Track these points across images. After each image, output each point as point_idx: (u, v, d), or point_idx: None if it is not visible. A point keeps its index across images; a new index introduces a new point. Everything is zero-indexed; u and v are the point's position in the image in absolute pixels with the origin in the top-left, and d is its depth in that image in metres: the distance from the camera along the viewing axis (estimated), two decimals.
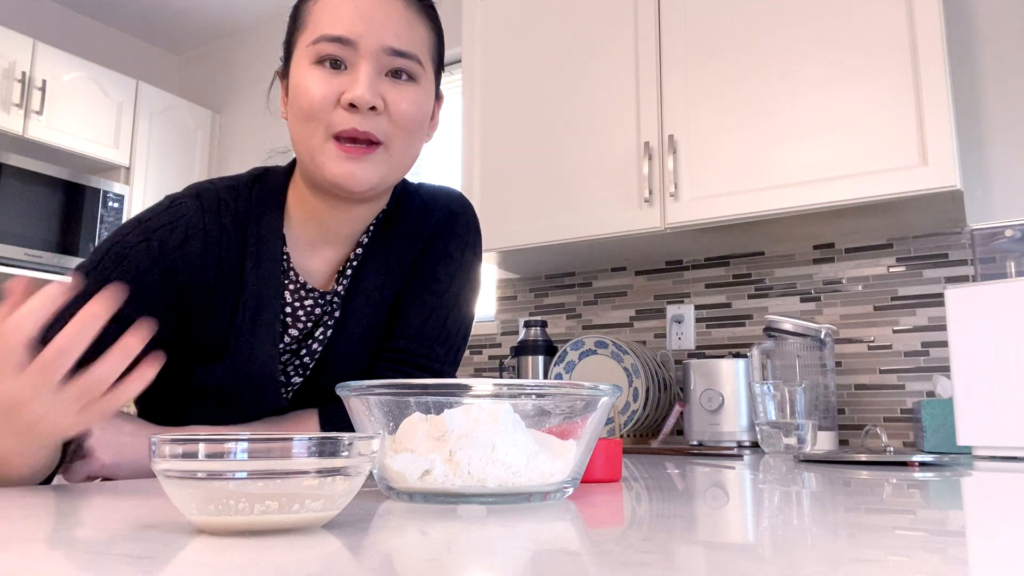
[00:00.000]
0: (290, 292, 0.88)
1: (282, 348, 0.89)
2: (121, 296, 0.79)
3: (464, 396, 0.56)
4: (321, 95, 0.78)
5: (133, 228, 0.83)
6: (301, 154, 0.83)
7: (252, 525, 0.41)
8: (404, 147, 0.83)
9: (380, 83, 0.79)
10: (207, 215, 0.84)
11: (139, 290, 0.81)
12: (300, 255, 0.90)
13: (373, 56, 0.79)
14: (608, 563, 0.34)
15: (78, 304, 0.78)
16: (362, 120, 0.78)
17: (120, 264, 0.80)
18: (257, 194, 0.88)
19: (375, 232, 0.93)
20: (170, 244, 0.82)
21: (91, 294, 0.78)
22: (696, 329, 2.22)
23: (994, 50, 1.91)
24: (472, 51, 2.32)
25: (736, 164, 1.83)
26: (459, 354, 0.97)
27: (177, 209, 0.84)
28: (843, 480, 0.83)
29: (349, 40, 0.78)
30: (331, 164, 0.79)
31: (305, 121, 0.79)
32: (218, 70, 3.76)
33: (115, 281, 0.80)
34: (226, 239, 0.85)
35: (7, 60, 2.82)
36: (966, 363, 1.35)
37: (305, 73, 0.79)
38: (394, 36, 0.79)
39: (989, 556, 0.37)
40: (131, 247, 0.81)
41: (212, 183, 0.89)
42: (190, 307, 0.85)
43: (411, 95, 0.81)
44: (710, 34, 1.91)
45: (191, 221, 0.83)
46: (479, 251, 1.00)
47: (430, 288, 0.94)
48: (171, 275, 0.82)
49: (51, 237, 2.84)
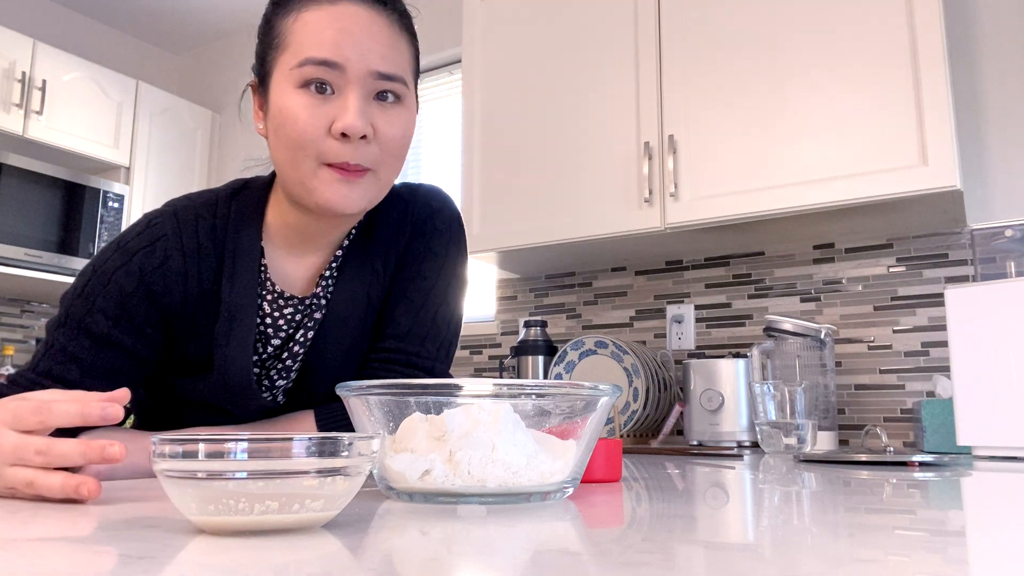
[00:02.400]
0: (268, 303, 0.89)
1: (264, 355, 0.90)
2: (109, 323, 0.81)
3: (464, 396, 0.56)
4: (312, 125, 0.77)
5: (113, 252, 0.84)
6: (288, 179, 0.82)
7: (252, 525, 0.41)
8: (389, 171, 0.84)
9: (369, 108, 0.79)
10: (184, 233, 0.85)
11: (125, 313, 0.82)
12: (280, 264, 0.90)
13: (360, 81, 0.78)
14: (608, 563, 0.34)
15: (67, 335, 0.80)
16: (353, 152, 0.78)
17: (105, 288, 0.82)
18: (236, 207, 0.89)
19: (356, 235, 0.93)
20: (149, 266, 0.83)
21: (79, 320, 0.81)
22: (696, 329, 2.22)
23: (994, 50, 1.91)
24: (472, 51, 2.32)
25: (736, 164, 1.83)
26: (451, 350, 0.97)
27: (154, 230, 0.85)
28: (843, 480, 0.83)
29: (336, 64, 0.77)
30: (323, 189, 0.79)
31: (293, 148, 0.78)
32: (218, 70, 3.76)
33: (101, 306, 0.81)
34: (204, 255, 0.86)
35: (7, 60, 2.82)
36: (966, 363, 1.35)
37: (290, 98, 0.78)
38: (380, 59, 0.79)
39: (989, 556, 0.37)
40: (112, 272, 0.82)
41: (190, 199, 0.89)
42: (174, 325, 0.86)
43: (398, 119, 0.82)
44: (710, 34, 1.91)
45: (169, 241, 0.84)
46: (463, 245, 1.00)
47: (416, 286, 0.94)
48: (153, 296, 0.83)
49: (51, 237, 2.84)
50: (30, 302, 3.22)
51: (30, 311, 3.22)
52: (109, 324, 0.81)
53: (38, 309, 3.25)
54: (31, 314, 3.22)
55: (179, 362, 0.88)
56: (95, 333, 0.81)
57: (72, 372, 0.80)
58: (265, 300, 0.89)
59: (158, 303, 0.84)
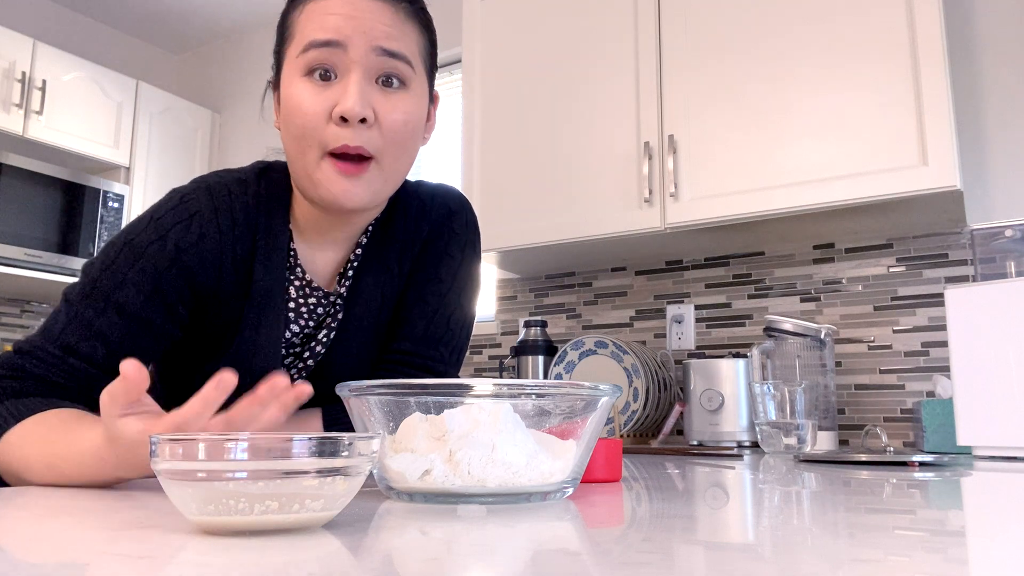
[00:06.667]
0: (295, 288, 0.88)
1: (283, 345, 0.89)
2: (141, 298, 0.79)
3: (464, 396, 0.56)
4: (313, 111, 0.77)
5: (146, 226, 0.81)
6: (296, 173, 0.82)
7: (252, 525, 0.41)
8: (395, 160, 0.82)
9: (371, 92, 0.78)
10: (219, 212, 0.83)
11: (158, 290, 0.80)
12: (305, 252, 0.90)
13: (363, 59, 0.77)
14: (608, 563, 0.34)
15: (94, 308, 0.78)
16: (353, 135, 0.77)
17: (135, 263, 0.79)
18: (265, 188, 0.88)
19: (373, 233, 0.93)
20: (186, 243, 0.81)
21: (108, 294, 0.78)
22: (696, 329, 2.22)
23: (994, 50, 1.91)
24: (472, 51, 2.32)
25: (736, 164, 1.83)
26: (462, 354, 0.97)
27: (189, 205, 0.83)
28: (843, 480, 0.83)
29: (338, 42, 0.77)
30: (326, 183, 0.78)
31: (298, 138, 0.78)
32: (218, 70, 3.76)
33: (134, 279, 0.78)
34: (239, 233, 0.84)
35: (7, 60, 2.82)
36: (966, 363, 1.35)
37: (296, 88, 0.78)
38: (384, 36, 0.78)
39: (989, 556, 0.37)
40: (145, 246, 0.80)
41: (220, 176, 0.87)
42: (203, 303, 0.85)
43: (402, 104, 0.80)
44: (710, 34, 1.91)
45: (204, 218, 0.82)
46: (479, 249, 1.00)
47: (432, 289, 0.93)
48: (188, 274, 0.81)
49: (51, 237, 2.84)
50: (30, 302, 3.22)
51: (30, 311, 3.22)
52: (141, 300, 0.78)
53: (38, 309, 3.25)
54: (31, 314, 3.22)
55: (196, 347, 0.86)
56: (125, 309, 0.78)
57: (98, 351, 0.77)
58: (293, 285, 0.88)
59: (193, 281, 0.82)
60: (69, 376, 0.77)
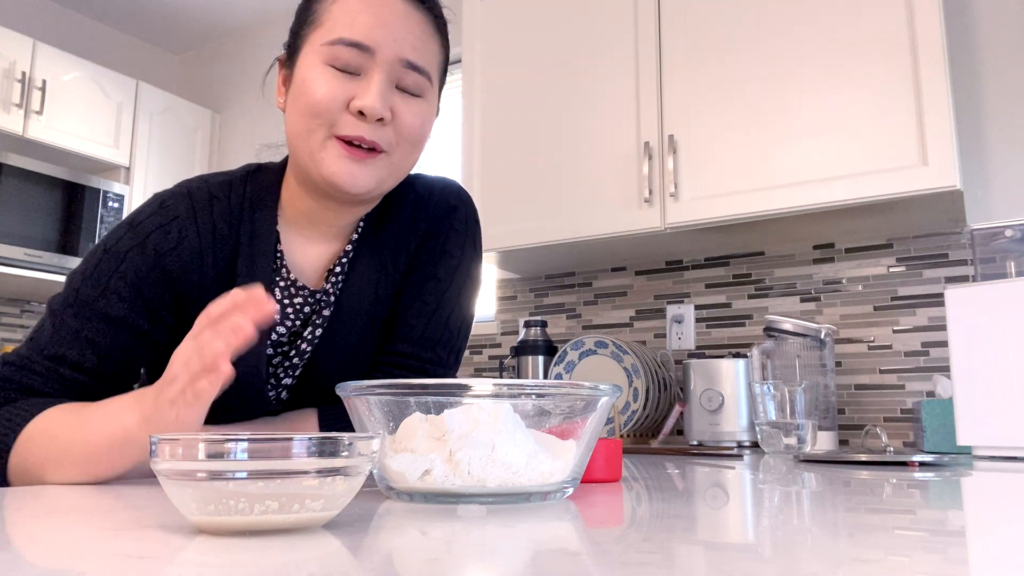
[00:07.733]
0: (280, 289, 0.87)
1: (268, 345, 0.89)
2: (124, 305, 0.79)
3: (464, 396, 0.56)
4: (330, 95, 0.77)
5: (125, 232, 0.82)
6: (298, 149, 0.81)
7: (252, 525, 0.41)
8: (405, 157, 0.83)
9: (390, 94, 0.79)
10: (199, 215, 0.83)
11: (140, 296, 0.80)
12: (293, 251, 0.88)
13: (388, 66, 0.78)
14: (608, 563, 0.34)
15: (79, 317, 0.78)
16: (370, 130, 0.78)
17: (117, 269, 0.79)
18: (251, 189, 0.87)
19: (366, 227, 0.91)
20: (164, 247, 0.81)
21: (91, 302, 0.79)
22: (696, 329, 2.22)
23: (994, 50, 1.91)
24: (472, 51, 2.32)
25: (736, 164, 1.83)
26: (460, 355, 0.96)
27: (168, 211, 0.83)
28: (843, 480, 0.83)
29: (367, 47, 0.77)
30: (330, 161, 0.78)
31: (308, 117, 0.78)
32: (218, 70, 3.76)
33: (115, 287, 0.79)
34: (219, 237, 0.84)
35: (7, 60, 2.82)
36: (966, 363, 1.35)
37: (316, 71, 0.78)
38: (411, 49, 0.79)
39: (989, 556, 0.37)
40: (125, 252, 0.80)
41: (204, 180, 0.87)
42: (187, 308, 0.84)
43: (419, 108, 0.82)
44: (710, 34, 1.91)
45: (183, 223, 0.82)
46: (479, 246, 0.98)
47: (430, 288, 0.92)
48: (168, 278, 0.81)
49: (51, 237, 2.84)
50: (30, 302, 3.22)
51: (30, 311, 3.22)
52: (125, 307, 0.79)
53: (38, 309, 3.24)
54: (31, 314, 3.22)
55: None
56: (110, 316, 0.78)
57: (89, 358, 0.78)
58: (278, 287, 0.87)
59: (173, 286, 0.82)
60: (60, 386, 0.77)
